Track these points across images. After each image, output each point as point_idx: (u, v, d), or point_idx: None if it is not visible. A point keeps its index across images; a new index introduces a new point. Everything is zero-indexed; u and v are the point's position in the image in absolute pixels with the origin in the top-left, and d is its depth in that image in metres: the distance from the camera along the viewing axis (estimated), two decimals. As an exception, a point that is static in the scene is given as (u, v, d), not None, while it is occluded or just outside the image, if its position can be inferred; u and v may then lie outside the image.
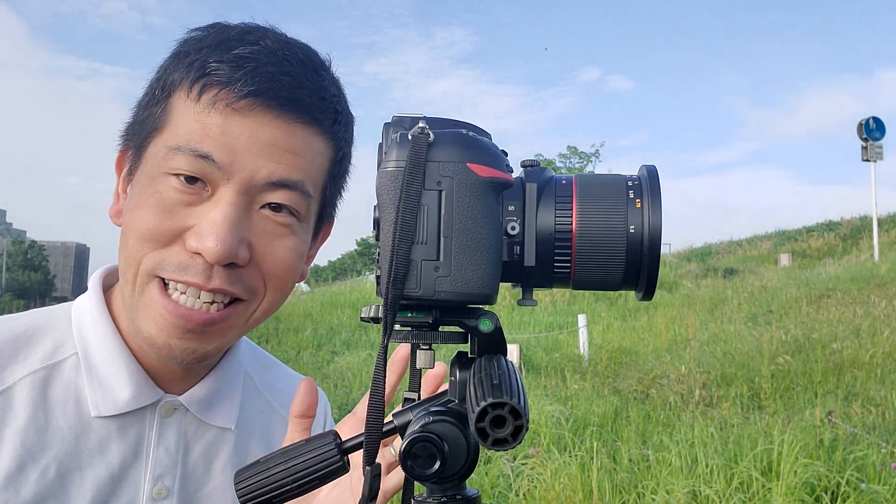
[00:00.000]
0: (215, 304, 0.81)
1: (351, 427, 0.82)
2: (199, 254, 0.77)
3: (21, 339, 0.86)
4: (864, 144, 17.96)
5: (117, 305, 0.89)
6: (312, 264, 1.00)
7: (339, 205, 0.96)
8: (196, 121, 0.78)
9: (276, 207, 0.82)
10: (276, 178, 0.80)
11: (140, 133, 0.84)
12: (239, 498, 0.65)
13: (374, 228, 0.61)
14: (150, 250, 0.79)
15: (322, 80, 0.84)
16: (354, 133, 0.93)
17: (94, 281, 0.92)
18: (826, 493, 4.36)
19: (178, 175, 0.78)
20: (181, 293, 0.79)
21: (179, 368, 0.88)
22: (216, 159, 0.77)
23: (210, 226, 0.77)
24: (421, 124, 0.59)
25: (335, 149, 0.87)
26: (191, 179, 0.78)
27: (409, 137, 0.59)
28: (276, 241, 0.82)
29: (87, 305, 0.90)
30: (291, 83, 0.80)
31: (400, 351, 0.83)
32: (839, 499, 4.27)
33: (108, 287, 0.93)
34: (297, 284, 0.96)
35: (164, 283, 0.80)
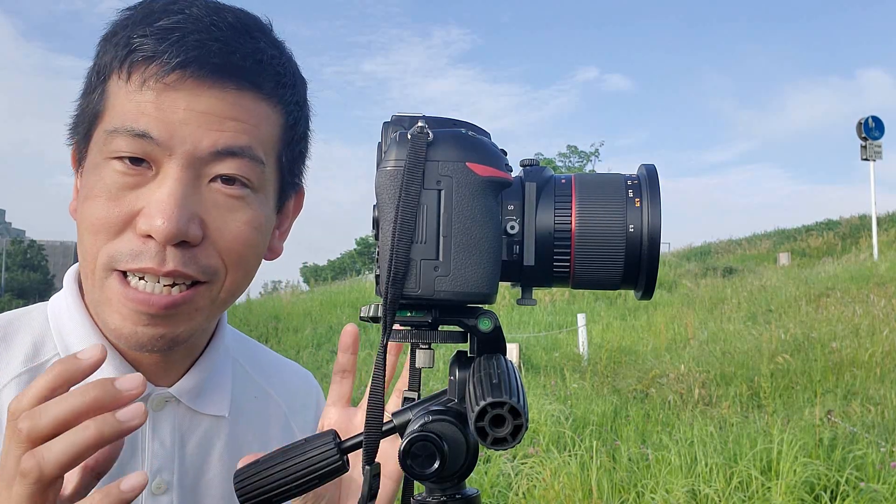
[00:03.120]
0: (176, 286, 0.78)
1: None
2: (150, 236, 0.75)
3: (0, 344, 0.84)
4: (864, 143, 17.97)
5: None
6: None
7: (304, 173, 0.92)
8: (129, 101, 0.76)
9: (227, 180, 0.79)
10: (221, 146, 0.77)
11: (84, 123, 0.82)
12: (239, 498, 0.65)
13: (373, 228, 0.61)
14: (104, 242, 0.77)
15: (257, 42, 0.80)
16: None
17: (68, 278, 0.90)
18: (825, 491, 4.36)
19: (120, 158, 0.76)
20: (139, 279, 0.77)
21: (160, 358, 0.87)
22: (154, 136, 0.75)
23: (157, 205, 0.75)
24: (420, 124, 0.59)
25: (284, 113, 0.84)
26: (134, 161, 0.76)
27: (409, 137, 0.59)
28: (230, 215, 0.80)
29: (64, 304, 0.88)
30: (221, 49, 0.77)
31: (348, 330, 0.82)
32: (838, 498, 4.27)
33: (82, 282, 0.90)
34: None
35: (124, 274, 0.78)
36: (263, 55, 0.80)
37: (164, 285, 0.77)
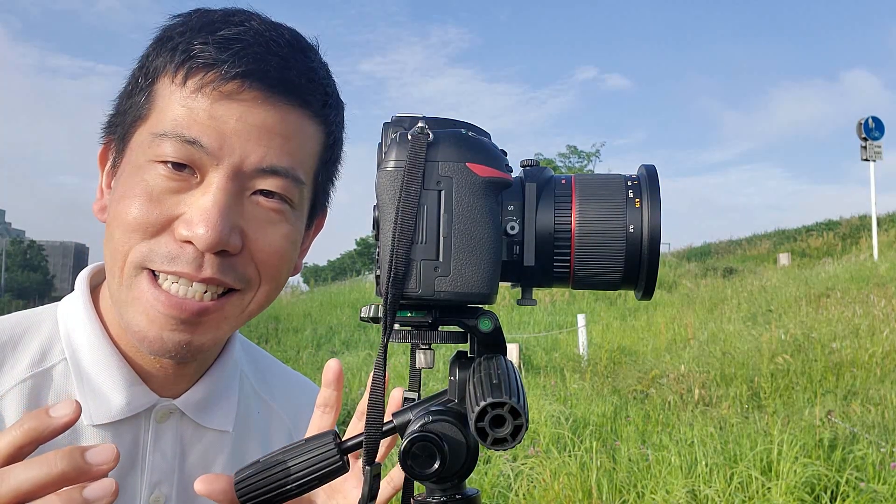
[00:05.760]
0: (209, 293, 0.78)
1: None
2: (189, 242, 0.75)
3: (7, 346, 0.83)
4: (864, 144, 17.97)
5: (105, 305, 0.86)
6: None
7: (332, 194, 0.93)
8: (182, 106, 0.76)
9: (268, 194, 0.79)
10: (267, 164, 0.77)
11: (123, 123, 0.82)
12: (238, 498, 0.64)
13: (373, 228, 0.61)
14: (138, 241, 0.76)
15: (311, 61, 0.82)
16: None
17: (80, 281, 0.89)
18: (825, 492, 4.36)
19: (165, 162, 0.76)
20: (172, 283, 0.77)
21: (172, 367, 0.85)
22: (204, 144, 0.75)
23: (200, 212, 0.74)
24: (420, 124, 0.59)
25: (326, 133, 0.85)
26: (178, 166, 0.76)
27: (409, 137, 0.59)
28: (269, 228, 0.80)
29: (74, 307, 0.87)
30: (280, 64, 0.77)
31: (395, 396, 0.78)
32: (839, 498, 4.27)
33: (94, 286, 0.90)
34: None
35: (154, 275, 0.77)
36: (315, 74, 0.82)
37: (197, 290, 0.77)
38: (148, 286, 0.77)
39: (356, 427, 0.78)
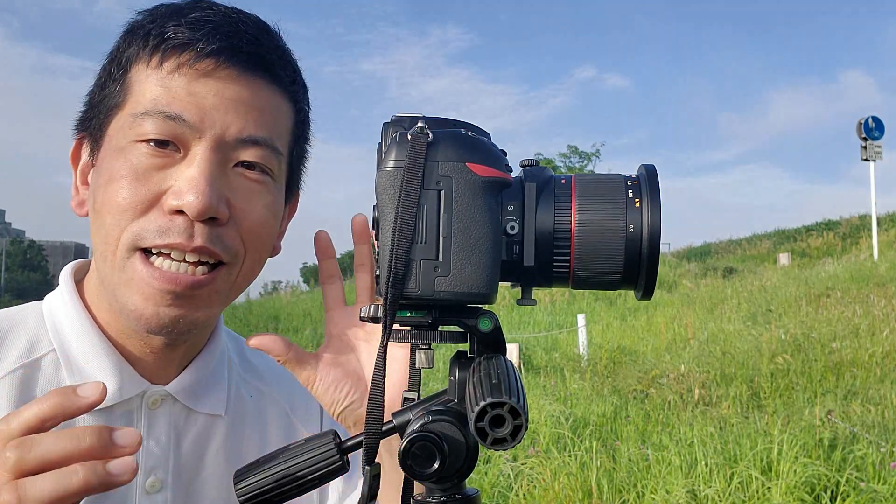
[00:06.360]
0: (201, 266, 0.80)
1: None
2: (179, 212, 0.77)
3: None
4: (864, 144, 17.96)
5: (91, 297, 0.88)
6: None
7: (303, 177, 0.97)
8: (160, 86, 0.79)
9: (249, 166, 0.82)
10: (247, 134, 0.81)
11: (98, 116, 0.84)
12: (238, 498, 0.65)
13: (373, 228, 0.61)
14: (129, 221, 0.78)
15: (278, 40, 0.86)
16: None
17: (65, 276, 0.91)
18: (825, 492, 4.36)
19: (147, 141, 0.78)
20: (165, 258, 0.78)
21: (162, 351, 0.87)
22: (186, 118, 0.78)
23: (188, 182, 0.77)
24: (420, 124, 0.59)
25: (296, 110, 0.89)
26: (161, 143, 0.78)
27: (409, 137, 0.59)
28: (253, 198, 0.83)
29: (60, 300, 0.88)
30: (250, 41, 0.81)
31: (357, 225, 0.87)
32: (839, 498, 4.27)
33: (77, 282, 0.91)
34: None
35: (146, 255, 0.79)
36: (283, 51, 0.86)
37: (190, 263, 0.79)
38: (141, 265, 0.79)
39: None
